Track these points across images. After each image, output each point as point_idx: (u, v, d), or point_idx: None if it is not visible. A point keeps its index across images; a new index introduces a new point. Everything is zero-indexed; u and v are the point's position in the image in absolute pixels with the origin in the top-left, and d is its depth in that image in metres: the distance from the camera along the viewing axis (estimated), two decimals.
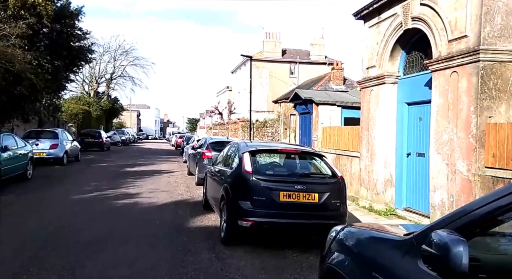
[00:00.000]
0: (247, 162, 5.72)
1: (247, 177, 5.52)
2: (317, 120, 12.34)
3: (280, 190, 5.41)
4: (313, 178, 5.75)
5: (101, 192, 10.34)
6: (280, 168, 6.11)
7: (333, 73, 33.10)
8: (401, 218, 7.83)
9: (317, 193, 5.47)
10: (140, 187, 11.39)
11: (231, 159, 6.94)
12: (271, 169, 6.00)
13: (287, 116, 16.30)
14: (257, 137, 21.47)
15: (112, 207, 8.47)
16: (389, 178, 8.35)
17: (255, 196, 5.40)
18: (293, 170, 6.06)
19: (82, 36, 19.62)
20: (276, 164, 6.34)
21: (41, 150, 15.54)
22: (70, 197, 9.42)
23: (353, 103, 12.28)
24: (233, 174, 6.06)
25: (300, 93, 13.06)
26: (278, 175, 5.68)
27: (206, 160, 8.54)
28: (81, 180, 12.56)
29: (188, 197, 10.26)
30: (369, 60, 8.91)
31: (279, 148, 6.23)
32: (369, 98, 8.91)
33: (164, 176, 14.50)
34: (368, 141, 8.93)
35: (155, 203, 9.10)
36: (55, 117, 29.74)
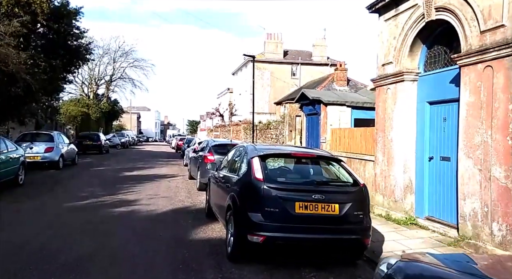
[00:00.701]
0: (257, 168, 5.05)
1: (257, 185, 4.85)
2: (325, 121, 11.67)
3: (296, 200, 4.74)
4: (332, 186, 5.07)
5: (96, 198, 9.66)
6: (294, 175, 5.43)
7: (337, 74, 32.40)
8: (423, 228, 7.14)
9: (338, 204, 4.80)
10: (138, 193, 10.71)
11: (237, 164, 6.27)
12: (284, 176, 5.31)
13: (292, 117, 15.62)
14: (260, 139, 20.80)
15: (107, 216, 7.78)
16: (409, 183, 7.66)
17: (267, 207, 4.73)
18: (309, 177, 5.37)
19: (79, 35, 18.95)
20: (288, 170, 5.65)
21: (36, 154, 14.88)
22: (62, 205, 8.74)
23: (364, 104, 11.62)
24: (241, 181, 5.38)
25: (307, 93, 12.39)
26: (292, 183, 4.99)
27: (209, 165, 7.85)
28: (76, 186, 11.88)
29: (189, 203, 9.59)
30: (385, 56, 8.24)
31: (292, 152, 5.54)
32: (385, 98, 8.24)
33: (164, 180, 13.83)
34: (384, 144, 8.25)
35: (154, 211, 8.42)
36: (53, 119, 29.10)
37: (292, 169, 5.65)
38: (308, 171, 5.65)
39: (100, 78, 50.18)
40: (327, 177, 5.47)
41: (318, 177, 5.43)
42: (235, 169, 6.18)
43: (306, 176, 5.44)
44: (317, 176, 5.49)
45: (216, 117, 54.78)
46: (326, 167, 5.66)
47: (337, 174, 5.42)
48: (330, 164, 5.64)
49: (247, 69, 47.96)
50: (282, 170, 5.60)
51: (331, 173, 5.55)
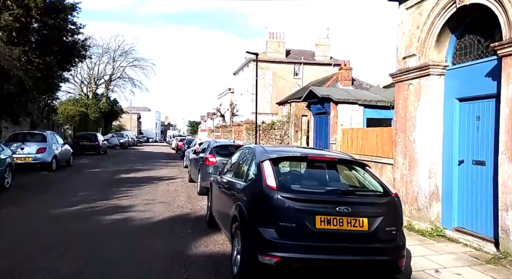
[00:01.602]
0: (269, 174, 4.24)
1: (270, 194, 4.04)
2: (335, 121, 10.86)
3: (316, 213, 3.93)
4: (360, 196, 4.24)
5: (88, 204, 8.85)
6: (312, 182, 4.61)
7: (341, 73, 31.64)
8: (453, 240, 6.32)
9: (366, 218, 3.99)
10: (134, 197, 9.91)
11: (244, 168, 5.47)
12: (301, 183, 4.49)
13: (298, 117, 14.83)
14: (264, 140, 19.99)
15: (97, 225, 6.96)
16: (435, 190, 6.84)
17: (281, 221, 3.92)
18: (330, 185, 4.54)
19: (75, 31, 18.17)
20: (304, 176, 4.83)
21: (27, 155, 14.08)
22: (49, 212, 7.93)
23: (378, 102, 10.81)
24: (250, 189, 4.57)
25: (316, 91, 11.58)
26: (312, 192, 4.17)
27: (211, 168, 7.05)
28: (68, 189, 11.08)
29: (189, 210, 8.78)
30: (406, 49, 7.43)
31: (309, 155, 4.71)
32: (406, 94, 7.43)
33: (163, 183, 13.02)
34: (405, 145, 7.44)
35: (149, 219, 7.60)
36: (50, 119, 28.30)
37: (308, 175, 4.83)
38: (327, 178, 4.83)
39: (100, 78, 49.45)
40: (352, 185, 4.64)
41: (341, 185, 4.60)
42: (242, 174, 5.38)
43: (326, 183, 4.62)
44: (339, 184, 4.66)
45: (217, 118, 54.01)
46: (349, 173, 4.85)
47: (362, 181, 4.61)
48: (353, 169, 4.82)
49: (248, 69, 47.16)
50: (297, 176, 4.76)
51: (355, 179, 4.74)
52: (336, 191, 4.15)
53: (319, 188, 4.38)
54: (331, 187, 4.42)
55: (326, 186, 4.52)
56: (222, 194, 5.91)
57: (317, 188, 4.41)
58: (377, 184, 4.41)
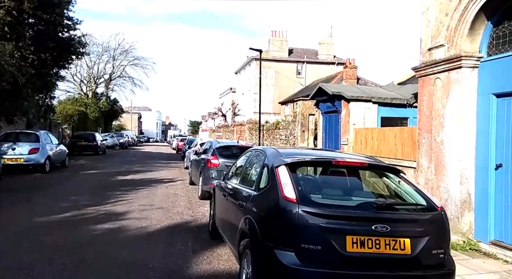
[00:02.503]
0: (286, 182, 3.47)
1: (288, 208, 3.27)
2: (347, 120, 10.07)
3: (347, 232, 3.15)
4: (400, 211, 3.45)
5: (78, 210, 8.09)
6: (337, 193, 3.82)
7: (346, 71, 30.87)
8: (490, 256, 5.54)
9: (409, 238, 3.21)
10: (130, 203, 9.14)
11: (253, 173, 4.70)
12: (324, 194, 3.70)
13: (305, 116, 14.05)
14: (267, 141, 19.20)
15: (86, 236, 6.19)
16: (467, 198, 6.06)
17: (304, 243, 3.15)
18: (361, 197, 3.75)
19: (71, 26, 17.38)
20: (326, 184, 4.02)
21: (18, 155, 13.32)
22: (34, 220, 7.16)
23: (393, 100, 10.02)
24: (262, 200, 3.80)
25: (326, 88, 10.80)
26: (341, 206, 3.38)
27: (215, 172, 6.25)
28: (59, 193, 10.31)
29: (189, 217, 8.01)
30: (432, 39, 6.65)
31: (334, 159, 3.91)
32: (432, 90, 6.64)
33: (162, 186, 12.26)
34: (430, 147, 6.66)
35: (145, 229, 6.83)
36: (47, 118, 27.54)
37: (331, 183, 4.03)
38: (354, 187, 4.04)
39: (99, 77, 48.74)
40: (387, 196, 3.84)
41: (374, 196, 3.80)
42: (251, 181, 4.61)
43: (354, 194, 3.83)
44: (370, 195, 3.87)
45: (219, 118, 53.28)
46: (378, 180, 4.06)
47: (397, 191, 3.82)
48: (384, 175, 4.04)
49: (250, 68, 46.38)
50: (317, 185, 3.96)
51: (389, 189, 3.95)
52: (371, 205, 3.36)
53: (348, 200, 3.60)
54: (362, 199, 3.63)
55: (355, 197, 3.73)
56: (227, 203, 5.14)
57: (345, 200, 3.62)
58: (417, 195, 3.63)
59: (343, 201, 3.57)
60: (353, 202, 3.52)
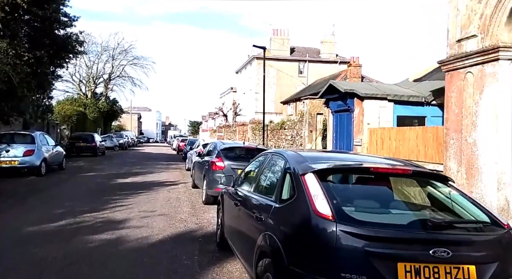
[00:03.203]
0: (317, 194, 2.86)
1: (322, 226, 2.65)
2: (361, 119, 9.45)
3: (399, 258, 2.53)
4: (459, 230, 2.81)
5: (74, 218, 7.46)
6: (379, 207, 3.18)
7: (350, 70, 30.23)
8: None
9: (474, 264, 2.59)
10: (129, 208, 8.52)
11: (271, 180, 4.10)
12: (365, 209, 3.06)
13: (313, 116, 13.42)
14: (272, 141, 18.59)
15: (78, 250, 5.55)
16: (505, 205, 5.44)
17: (345, 272, 2.53)
18: (404, 211, 3.11)
19: (68, 23, 16.74)
20: (365, 196, 3.36)
21: (13, 158, 12.70)
22: (24, 229, 6.53)
23: (410, 97, 9.39)
24: (286, 214, 3.18)
25: (337, 85, 10.18)
26: (388, 225, 2.75)
27: (223, 178, 5.62)
28: (54, 198, 9.68)
29: (194, 225, 7.38)
30: (462, 29, 6.03)
31: (372, 166, 3.26)
32: (462, 85, 6.02)
33: (163, 189, 11.63)
34: (460, 148, 6.03)
35: (146, 240, 6.20)
36: (45, 119, 26.92)
37: (366, 195, 3.38)
38: (396, 199, 3.39)
39: (98, 77, 48.14)
40: (439, 211, 3.17)
41: (427, 212, 3.13)
42: (269, 189, 3.99)
43: (397, 207, 3.19)
44: (418, 209, 3.21)
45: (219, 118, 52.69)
46: (430, 192, 3.41)
47: (448, 204, 3.18)
48: (429, 184, 3.41)
49: (252, 67, 45.76)
50: (354, 197, 3.31)
51: (435, 201, 3.31)
52: (425, 222, 2.72)
53: (394, 217, 2.96)
54: (407, 213, 2.99)
55: (399, 212, 3.10)
56: (239, 213, 4.52)
57: (390, 216, 2.99)
58: (475, 209, 3.00)
59: (388, 218, 2.93)
60: (401, 219, 2.88)
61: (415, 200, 3.54)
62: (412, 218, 2.91)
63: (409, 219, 2.86)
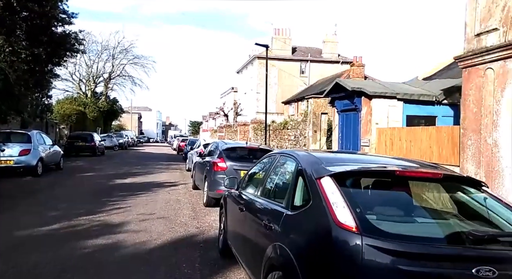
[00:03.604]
0: (337, 202, 2.50)
1: (346, 239, 2.29)
2: (369, 119, 9.08)
3: (437, 278, 2.16)
4: (503, 244, 2.42)
5: (68, 221, 7.10)
6: (408, 217, 2.79)
7: (353, 69, 29.87)
8: None
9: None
10: (127, 211, 8.16)
11: (281, 184, 3.75)
12: (392, 218, 2.68)
13: (317, 115, 13.04)
14: (274, 141, 18.23)
15: (71, 257, 5.18)
16: None
17: None
18: (440, 222, 2.73)
19: (66, 20, 16.38)
20: (389, 203, 2.96)
21: (8, 157, 12.34)
22: (14, 233, 6.16)
23: (420, 96, 9.02)
24: (300, 223, 2.82)
25: (345, 83, 9.81)
26: (423, 239, 2.36)
27: (227, 180, 5.24)
28: (49, 200, 9.32)
29: (195, 229, 7.01)
30: (481, 23, 5.66)
31: (398, 169, 2.89)
32: (481, 82, 5.65)
33: (163, 191, 11.27)
34: (479, 150, 5.67)
35: (144, 245, 5.84)
36: (43, 118, 26.59)
37: (393, 202, 2.98)
38: (424, 207, 2.99)
39: (99, 76, 47.88)
40: (475, 221, 2.79)
41: (463, 223, 2.72)
42: (278, 194, 3.64)
43: (427, 217, 2.81)
44: (451, 219, 2.81)
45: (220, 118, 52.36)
46: (455, 197, 3.05)
47: (484, 213, 2.80)
48: (459, 189, 3.04)
49: (253, 67, 45.41)
50: (378, 205, 2.91)
51: (472, 210, 2.92)
52: (464, 236, 2.35)
53: (426, 228, 2.59)
54: (445, 225, 2.61)
55: (428, 221, 2.73)
56: (245, 219, 4.15)
57: (421, 227, 2.61)
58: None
59: (419, 229, 2.56)
60: (434, 230, 2.51)
61: (440, 206, 3.16)
62: (448, 229, 2.53)
63: (444, 230, 2.48)
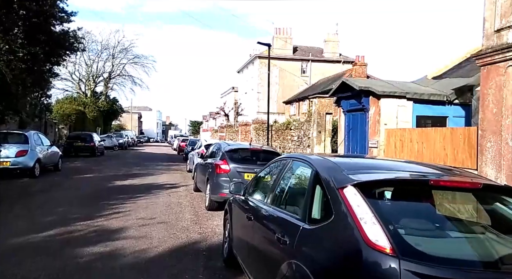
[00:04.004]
0: (367, 217, 2.18)
1: (379, 262, 1.97)
2: (377, 119, 8.76)
3: None
4: None
5: (65, 226, 6.77)
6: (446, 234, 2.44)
7: (355, 69, 29.56)
8: None
9: None
10: (127, 215, 7.84)
11: (294, 192, 3.42)
12: (431, 237, 2.33)
13: (322, 115, 12.71)
14: (277, 142, 17.90)
15: (67, 267, 4.85)
16: None
17: None
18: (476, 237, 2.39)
19: (65, 18, 16.03)
20: (422, 217, 2.57)
21: (4, 158, 12.02)
22: (7, 241, 5.81)
23: (431, 96, 8.70)
24: (321, 240, 2.49)
25: (352, 83, 9.48)
26: (472, 263, 2.02)
27: (232, 186, 4.91)
28: (46, 203, 8.99)
29: (197, 235, 6.69)
30: (502, 17, 5.34)
31: (432, 178, 2.54)
32: (502, 81, 5.33)
33: (163, 193, 10.95)
34: (500, 152, 5.34)
35: (144, 253, 5.51)
36: (42, 118, 26.27)
37: (426, 216, 2.59)
38: (459, 221, 2.66)
39: (98, 75, 47.56)
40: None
41: (504, 241, 2.39)
42: (291, 203, 3.32)
43: (467, 233, 2.46)
44: (494, 236, 2.46)
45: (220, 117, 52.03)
46: (495, 209, 2.71)
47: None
48: (498, 200, 2.71)
49: (253, 67, 45.09)
50: (411, 220, 2.52)
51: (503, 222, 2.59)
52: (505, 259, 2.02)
53: (469, 248, 2.25)
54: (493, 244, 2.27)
55: (471, 236, 2.39)
56: (253, 229, 3.83)
57: (464, 246, 2.27)
58: None
59: (458, 249, 2.22)
60: (481, 250, 2.18)
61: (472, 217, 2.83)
62: (500, 250, 2.20)
63: (494, 251, 2.15)
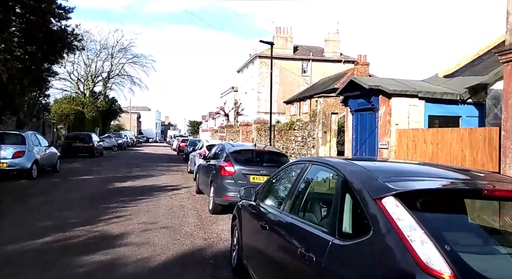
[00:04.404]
0: (416, 235, 1.84)
1: None
2: (388, 119, 8.43)
3: None
4: None
5: (63, 232, 6.43)
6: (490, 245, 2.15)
7: (357, 68, 29.26)
8: None
9: None
10: (128, 220, 7.50)
11: (318, 200, 3.09)
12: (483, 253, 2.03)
13: (327, 115, 12.38)
14: (280, 142, 17.57)
15: (64, 278, 4.52)
16: None
17: None
18: None
19: (63, 15, 15.67)
20: (472, 233, 2.24)
21: (1, 160, 11.66)
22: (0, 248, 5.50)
23: (444, 95, 8.37)
24: (357, 259, 2.16)
25: (361, 81, 9.15)
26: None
27: (243, 191, 4.57)
28: (43, 206, 8.64)
29: (202, 241, 6.35)
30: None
31: (487, 188, 2.21)
32: None
33: (165, 195, 10.61)
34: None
35: (147, 263, 5.16)
36: (40, 118, 25.91)
37: (476, 231, 2.27)
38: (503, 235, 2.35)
39: (97, 75, 47.20)
40: None
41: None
42: (314, 213, 2.99)
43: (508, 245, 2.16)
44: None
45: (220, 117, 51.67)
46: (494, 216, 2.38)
47: None
48: None
49: (253, 66, 44.75)
50: (464, 236, 2.19)
51: None
52: None
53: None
54: None
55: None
56: (269, 239, 3.50)
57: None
58: None
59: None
60: None
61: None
62: None
63: None
